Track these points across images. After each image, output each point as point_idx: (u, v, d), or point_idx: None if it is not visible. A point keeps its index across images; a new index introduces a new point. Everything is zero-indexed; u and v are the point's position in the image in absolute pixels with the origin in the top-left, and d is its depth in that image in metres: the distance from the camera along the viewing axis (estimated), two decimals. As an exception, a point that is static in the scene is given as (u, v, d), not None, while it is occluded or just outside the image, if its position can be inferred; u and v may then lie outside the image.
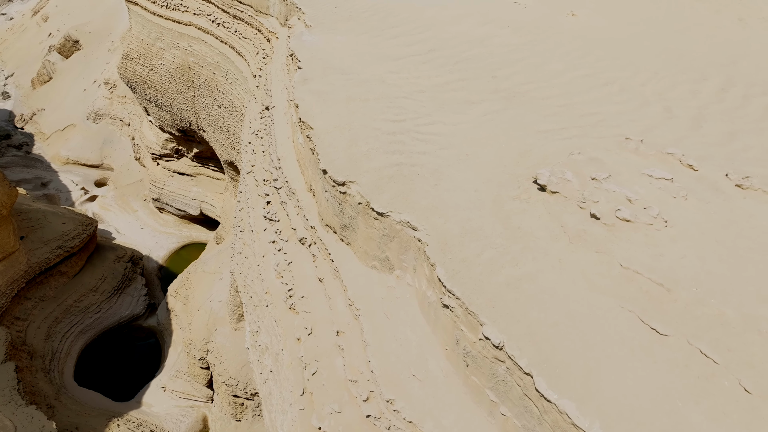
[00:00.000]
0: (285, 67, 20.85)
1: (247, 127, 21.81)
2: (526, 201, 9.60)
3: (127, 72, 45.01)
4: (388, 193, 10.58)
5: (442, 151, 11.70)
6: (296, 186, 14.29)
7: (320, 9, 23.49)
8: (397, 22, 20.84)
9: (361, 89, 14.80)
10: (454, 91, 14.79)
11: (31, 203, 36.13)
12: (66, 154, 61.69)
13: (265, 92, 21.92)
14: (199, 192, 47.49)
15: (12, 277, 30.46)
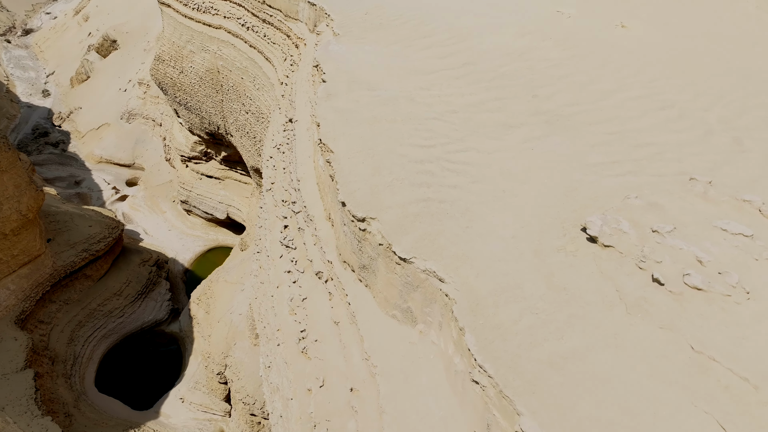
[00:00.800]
0: (310, 77, 19.81)
1: (270, 139, 20.88)
2: (573, 254, 8.22)
3: (158, 74, 44.94)
4: (412, 235, 9.34)
5: (475, 185, 10.38)
6: (315, 212, 13.18)
7: (349, 16, 22.40)
8: (430, 31, 19.56)
9: (388, 108, 13.58)
10: (490, 112, 13.44)
11: (60, 205, 36.19)
12: (99, 153, 62.44)
13: (290, 103, 20.94)
14: (226, 195, 47.13)
15: (37, 281, 30.39)
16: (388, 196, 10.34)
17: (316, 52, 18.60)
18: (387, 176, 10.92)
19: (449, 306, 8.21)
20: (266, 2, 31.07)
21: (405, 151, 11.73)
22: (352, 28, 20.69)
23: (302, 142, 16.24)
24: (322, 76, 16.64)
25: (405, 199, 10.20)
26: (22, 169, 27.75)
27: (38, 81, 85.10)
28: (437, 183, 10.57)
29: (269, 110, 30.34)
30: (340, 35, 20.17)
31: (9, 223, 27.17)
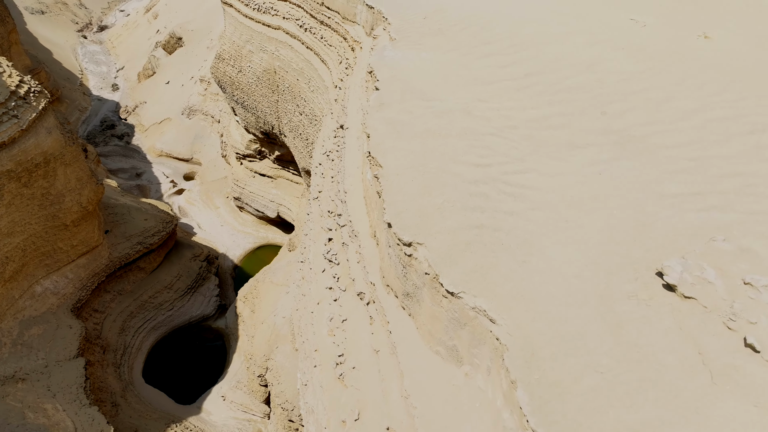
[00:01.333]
0: (363, 83, 19.26)
1: (320, 145, 20.48)
2: (646, 303, 7.20)
3: (218, 72, 45.82)
4: (462, 266, 8.55)
5: (535, 212, 9.46)
6: (360, 228, 12.57)
7: (407, 20, 21.71)
8: (491, 38, 18.59)
9: (443, 121, 12.80)
10: (554, 129, 12.41)
11: (119, 197, 37.41)
12: (160, 147, 64.58)
13: (342, 109, 20.48)
14: (277, 194, 47.53)
15: (94, 270, 31.42)
16: (438, 220, 9.58)
17: (371, 58, 18.03)
18: (438, 197, 10.15)
19: (500, 352, 7.38)
20: (324, 4, 30.86)
21: (459, 169, 10.93)
22: (409, 33, 20.00)
23: (352, 151, 15.70)
24: (375, 83, 16.04)
25: (456, 224, 9.41)
26: (84, 162, 28.71)
27: (109, 75, 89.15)
28: (492, 208, 9.71)
29: (322, 113, 30.11)
30: (397, 40, 19.52)
31: (70, 215, 28.16)
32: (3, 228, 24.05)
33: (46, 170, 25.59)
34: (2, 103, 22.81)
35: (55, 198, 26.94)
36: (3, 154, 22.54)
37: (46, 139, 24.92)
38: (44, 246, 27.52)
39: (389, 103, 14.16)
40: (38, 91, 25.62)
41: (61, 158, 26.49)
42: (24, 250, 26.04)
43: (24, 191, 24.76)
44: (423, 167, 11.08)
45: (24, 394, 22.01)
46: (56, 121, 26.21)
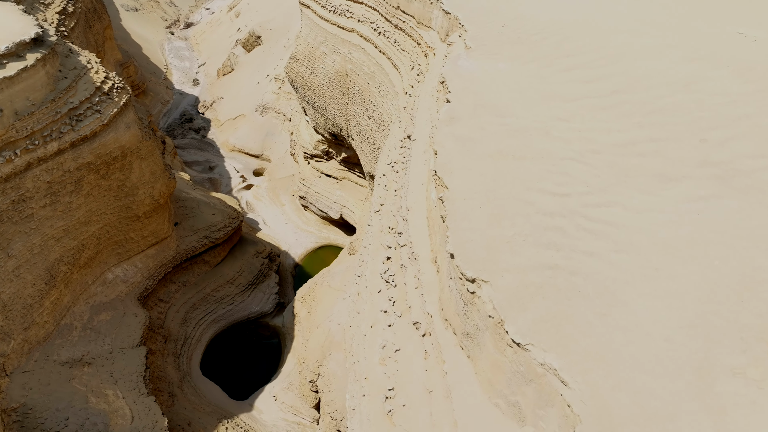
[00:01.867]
0: (435, 93, 18.47)
1: (386, 154, 19.88)
2: (758, 385, 6.00)
3: (291, 72, 46.47)
4: (532, 313, 7.61)
5: (619, 255, 8.34)
6: (420, 251, 11.82)
7: (485, 27, 20.69)
8: (574, 50, 17.26)
9: (517, 141, 11.80)
10: (643, 157, 11.11)
11: (190, 191, 38.64)
12: (233, 142, 66.62)
13: (411, 118, 19.79)
14: (341, 196, 47.61)
15: (161, 261, 32.51)
16: (507, 256, 8.66)
17: (444, 67, 17.21)
18: (508, 228, 9.23)
19: (571, 422, 6.40)
20: (400, 7, 30.31)
21: (532, 197, 9.94)
22: (486, 42, 19.00)
23: (417, 165, 14.97)
24: (446, 95, 15.22)
25: (527, 262, 8.46)
26: (159, 157, 29.72)
27: (191, 71, 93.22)
28: (569, 246, 8.67)
29: (390, 119, 29.58)
30: (472, 49, 18.58)
31: (142, 207, 29.23)
32: (81, 217, 25.20)
33: (122, 163, 26.62)
34: (87, 98, 23.88)
35: (129, 190, 28.00)
36: (84, 147, 23.60)
37: (124, 134, 25.92)
38: (117, 235, 28.69)
39: (460, 118, 13.30)
40: (121, 87, 26.69)
41: (138, 152, 27.48)
42: (99, 238, 27.23)
43: (102, 182, 25.86)
44: (493, 192, 10.18)
45: (89, 378, 22.89)
46: (135, 117, 27.21)
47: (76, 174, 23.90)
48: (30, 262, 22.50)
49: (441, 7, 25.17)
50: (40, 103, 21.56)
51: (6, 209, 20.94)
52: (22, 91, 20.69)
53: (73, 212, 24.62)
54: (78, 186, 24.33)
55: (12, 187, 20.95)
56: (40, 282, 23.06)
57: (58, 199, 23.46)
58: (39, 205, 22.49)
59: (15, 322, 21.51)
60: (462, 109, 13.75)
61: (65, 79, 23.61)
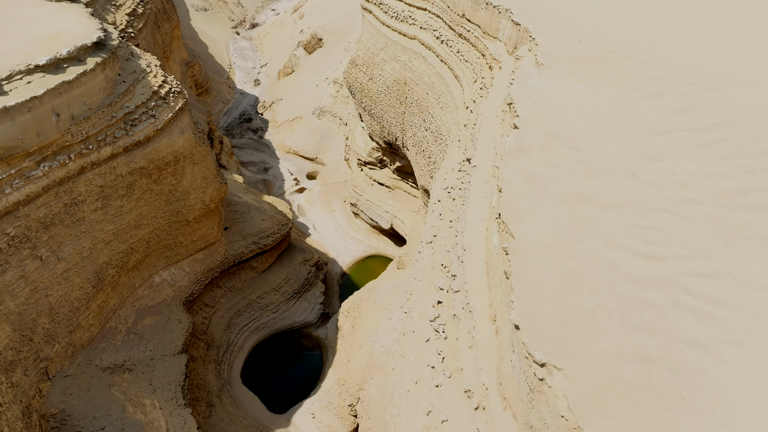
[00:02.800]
0: (500, 113, 16.88)
1: (441, 177, 18.43)
2: None
3: (350, 77, 45.74)
4: (619, 422, 6.03)
5: (734, 350, 6.60)
6: (477, 303, 10.34)
7: (558, 42, 18.88)
8: (663, 71, 15.23)
9: (597, 183, 10.12)
10: (756, 212, 9.19)
11: (242, 195, 38.51)
12: (289, 144, 66.85)
13: (471, 138, 18.26)
14: (393, 206, 46.43)
15: (209, 266, 32.36)
16: (587, 336, 7.09)
17: (512, 87, 15.60)
18: (587, 299, 7.64)
19: None
20: (465, 15, 28.75)
21: (617, 258, 8.28)
22: (559, 58, 17.22)
23: (477, 198, 13.47)
24: (514, 119, 13.64)
25: (612, 348, 6.85)
26: (212, 162, 29.49)
27: (253, 71, 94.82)
28: (666, 330, 7.00)
29: (449, 133, 28.07)
30: (544, 66, 16.86)
31: (193, 212, 29.07)
32: (131, 220, 25.16)
33: (175, 168, 26.46)
34: (143, 102, 23.76)
35: (180, 195, 27.85)
36: (138, 151, 23.48)
37: (178, 139, 25.71)
38: (166, 239, 28.63)
39: (530, 149, 11.72)
40: (177, 92, 26.53)
41: (191, 157, 27.28)
42: (148, 242, 27.20)
43: (153, 187, 25.75)
44: (569, 249, 8.59)
45: (128, 385, 22.68)
46: (190, 121, 27.00)
47: (128, 178, 23.81)
48: (79, 265, 22.52)
49: (510, 17, 23.48)
50: (96, 107, 21.49)
51: (59, 212, 20.96)
52: (79, 95, 20.64)
53: (124, 216, 24.57)
54: (130, 190, 24.25)
55: (65, 190, 20.96)
56: (88, 285, 23.07)
57: (110, 202, 23.42)
58: (90, 208, 22.48)
59: (61, 324, 21.53)
60: (532, 139, 12.15)
61: (123, 83, 23.55)
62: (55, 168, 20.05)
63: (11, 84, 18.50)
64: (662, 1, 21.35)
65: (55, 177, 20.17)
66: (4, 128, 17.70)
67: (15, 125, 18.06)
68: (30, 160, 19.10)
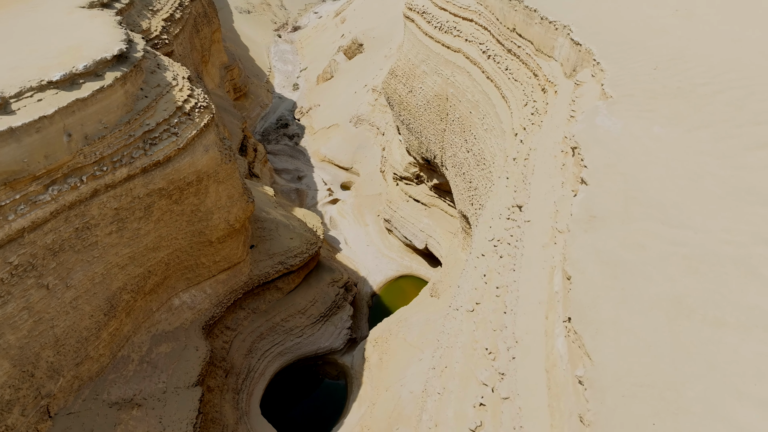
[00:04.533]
0: (559, 153, 14.38)
1: (486, 224, 15.97)
2: None
3: (389, 88, 43.63)
4: None
5: None
6: (531, 427, 7.95)
7: (629, 68, 16.19)
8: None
9: (706, 283, 7.57)
10: None
11: (270, 210, 36.87)
12: (324, 152, 65.27)
13: (522, 178, 15.78)
14: (428, 225, 44.01)
15: (232, 287, 30.77)
16: None
17: (576, 125, 13.08)
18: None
19: None
20: (516, 29, 26.18)
21: (746, 417, 5.78)
22: (632, 90, 14.57)
23: (532, 265, 11.03)
24: (581, 172, 11.16)
25: None
26: (238, 180, 27.83)
27: (292, 75, 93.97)
28: None
29: (493, 160, 25.53)
30: (614, 100, 14.25)
31: (216, 232, 27.48)
32: (149, 243, 23.68)
33: (198, 188, 24.87)
34: (165, 119, 22.22)
35: (203, 215, 26.28)
36: (156, 172, 21.92)
37: (201, 158, 24.09)
38: (187, 260, 27.12)
39: (605, 219, 9.24)
40: (204, 106, 24.94)
41: (215, 176, 25.66)
42: (167, 264, 25.71)
43: (174, 207, 24.22)
44: (674, 394, 6.12)
45: (136, 423, 21.12)
46: (216, 138, 25.38)
47: (146, 200, 22.29)
48: (90, 293, 21.08)
49: (569, 35, 20.84)
50: (113, 125, 20.00)
51: (68, 237, 19.53)
52: (95, 113, 19.17)
53: (141, 239, 23.08)
54: (148, 212, 22.73)
55: (76, 214, 19.52)
56: (99, 313, 21.64)
57: (126, 225, 21.94)
58: (104, 232, 21.02)
59: (67, 357, 20.11)
60: (607, 203, 9.67)
61: (145, 98, 22.05)
62: (65, 192, 18.60)
63: (20, 102, 17.11)
64: (754, 19, 18.31)
65: (64, 201, 18.72)
66: (8, 151, 16.28)
67: (21, 147, 16.63)
68: (37, 183, 17.68)
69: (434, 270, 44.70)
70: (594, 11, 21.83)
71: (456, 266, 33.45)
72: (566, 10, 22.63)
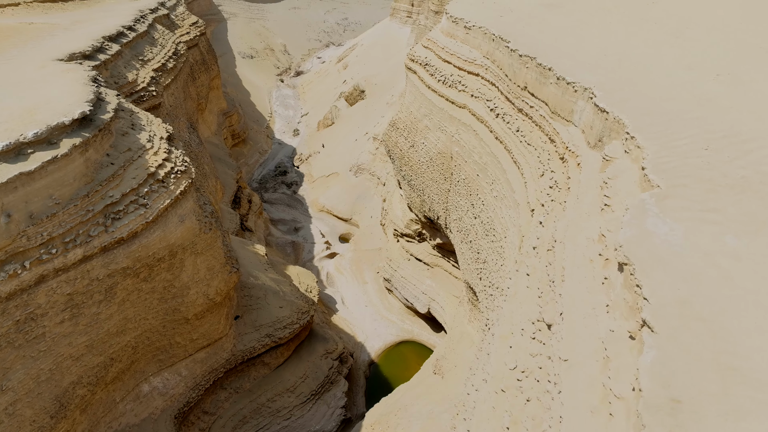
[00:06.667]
0: (596, 257, 11.48)
1: (505, 344, 12.87)
2: None
3: (389, 140, 41.32)
4: None
5: None
6: None
7: (672, 147, 13.47)
8: None
9: None
10: None
11: (260, 274, 33.88)
12: (323, 202, 62.75)
13: (549, 282, 12.83)
14: (431, 287, 40.86)
15: (212, 366, 27.52)
16: None
17: (623, 233, 10.20)
18: None
19: None
20: (528, 88, 23.78)
21: None
22: (684, 179, 11.78)
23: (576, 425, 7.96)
24: (639, 304, 8.25)
25: None
26: (220, 249, 24.97)
27: (293, 120, 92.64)
28: None
29: (505, 232, 22.68)
30: (662, 191, 11.45)
31: (193, 308, 24.46)
32: (112, 328, 20.65)
33: (171, 263, 22.01)
34: (134, 189, 19.54)
35: (178, 290, 23.32)
36: (120, 251, 19.10)
37: (175, 230, 21.31)
38: (159, 341, 24.00)
39: (698, 411, 6.26)
40: (182, 171, 22.32)
41: (192, 248, 22.83)
42: (135, 347, 22.60)
43: (142, 286, 21.29)
44: None
45: None
46: (194, 205, 22.66)
47: (108, 281, 19.38)
48: (33, 393, 17.92)
49: (591, 99, 18.32)
50: (67, 200, 17.29)
51: (6, 333, 16.53)
52: (44, 188, 16.49)
53: (101, 324, 20.06)
54: (110, 294, 19.79)
55: (17, 305, 16.59)
56: (44, 416, 18.40)
57: (82, 311, 18.96)
58: (54, 321, 18.02)
59: (-1, 475, 16.75)
60: (694, 376, 6.72)
61: (111, 165, 19.45)
62: (1, 281, 15.69)
63: (-51, 179, 14.42)
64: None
65: (1, 292, 15.79)
66: (-75, 241, 13.47)
67: (-57, 235, 13.83)
68: (-36, 274, 14.80)
69: (437, 336, 41.32)
70: (618, 72, 19.38)
71: (462, 341, 30.17)
72: (586, 70, 20.22)
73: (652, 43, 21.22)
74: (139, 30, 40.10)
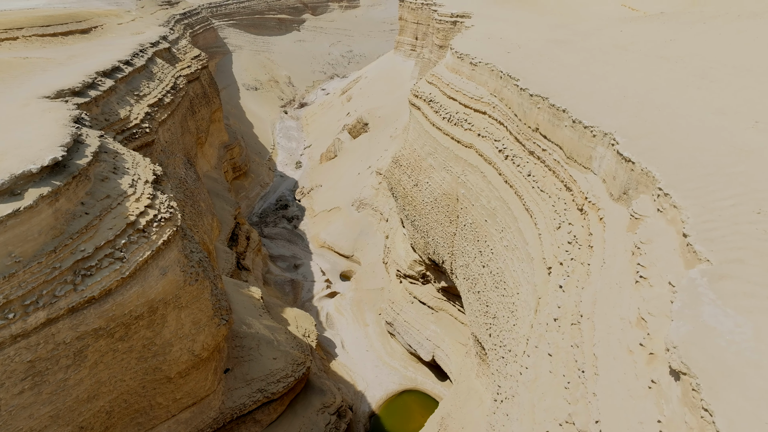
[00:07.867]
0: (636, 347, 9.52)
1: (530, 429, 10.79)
2: None
3: (392, 178, 39.72)
4: None
5: None
6: None
7: (714, 207, 11.59)
8: None
9: None
10: None
11: (253, 322, 31.83)
12: (324, 238, 60.92)
13: (578, 371, 10.81)
14: (436, 333, 38.60)
15: (198, 426, 25.27)
16: None
17: (675, 328, 8.28)
18: None
19: None
20: (540, 130, 22.14)
21: None
22: (739, 252, 9.91)
23: None
24: (703, 408, 6.25)
25: None
26: (207, 301, 23.05)
27: (296, 152, 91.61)
28: None
29: (517, 288, 20.67)
30: (714, 267, 9.56)
31: (177, 366, 22.40)
32: (82, 394, 18.61)
33: (151, 319, 20.07)
34: (109, 241, 17.75)
35: (159, 348, 21.30)
36: (90, 311, 17.21)
37: (156, 284, 19.45)
38: (138, 403, 21.85)
39: None
40: (166, 218, 20.57)
41: (175, 301, 20.93)
42: (110, 412, 20.48)
43: (119, 346, 19.31)
44: None
45: None
46: (179, 255, 20.85)
47: (77, 344, 17.42)
48: (-16, 476, 15.78)
49: (613, 146, 16.57)
50: (30, 258, 15.50)
51: (-47, 409, 14.53)
52: (2, 245, 14.70)
53: (70, 390, 18.00)
54: (79, 357, 17.80)
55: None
56: (-3, 500, 16.19)
57: (45, 379, 16.95)
58: (11, 393, 16.02)
59: None
60: None
61: (86, 215, 17.71)
62: (-53, 353, 13.81)
63: None
64: None
65: (-53, 365, 13.90)
66: None
67: None
68: None
69: (443, 385, 38.87)
70: (641, 116, 17.68)
71: (470, 399, 27.84)
72: (604, 113, 18.54)
73: (676, 84, 19.60)
74: (136, 64, 39.10)
